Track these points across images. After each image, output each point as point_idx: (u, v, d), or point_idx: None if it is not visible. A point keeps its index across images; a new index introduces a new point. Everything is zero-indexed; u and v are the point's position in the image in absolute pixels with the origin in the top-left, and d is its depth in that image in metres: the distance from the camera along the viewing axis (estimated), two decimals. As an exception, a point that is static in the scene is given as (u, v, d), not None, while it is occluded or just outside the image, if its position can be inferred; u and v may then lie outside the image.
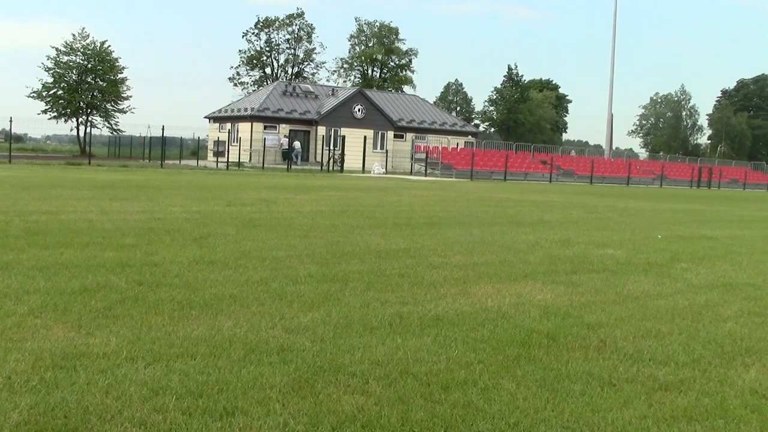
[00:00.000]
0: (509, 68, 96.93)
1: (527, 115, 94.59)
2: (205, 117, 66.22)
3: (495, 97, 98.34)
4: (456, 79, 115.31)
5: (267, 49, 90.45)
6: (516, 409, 4.50)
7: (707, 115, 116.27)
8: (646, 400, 4.81)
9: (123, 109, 70.14)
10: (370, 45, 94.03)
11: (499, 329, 6.40)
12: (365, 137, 53.01)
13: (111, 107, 69.70)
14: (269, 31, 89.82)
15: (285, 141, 57.23)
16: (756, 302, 8.43)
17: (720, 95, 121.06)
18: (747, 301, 8.48)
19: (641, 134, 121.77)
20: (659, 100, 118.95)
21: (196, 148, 62.33)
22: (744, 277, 10.22)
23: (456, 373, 5.11)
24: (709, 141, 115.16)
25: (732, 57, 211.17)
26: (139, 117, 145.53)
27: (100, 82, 68.53)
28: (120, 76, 69.44)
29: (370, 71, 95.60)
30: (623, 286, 8.93)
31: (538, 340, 6.11)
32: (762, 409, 4.79)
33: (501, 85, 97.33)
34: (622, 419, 4.46)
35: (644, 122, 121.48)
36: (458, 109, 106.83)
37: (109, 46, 68.84)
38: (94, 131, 69.02)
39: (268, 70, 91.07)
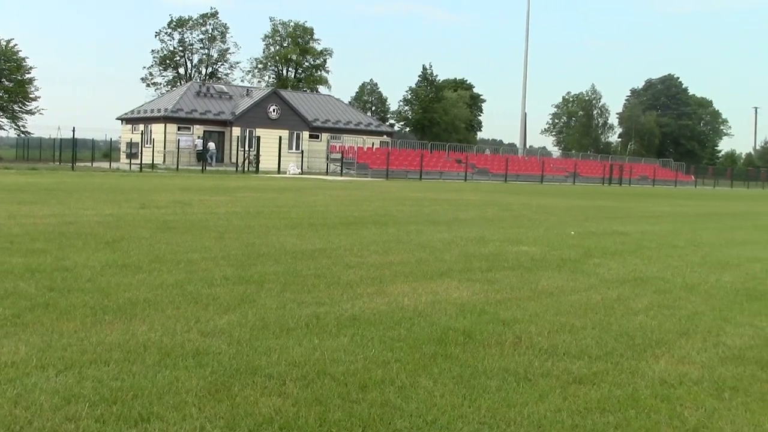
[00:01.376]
0: (424, 68, 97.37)
1: (442, 114, 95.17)
2: (117, 118, 65.11)
3: (410, 96, 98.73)
4: (371, 79, 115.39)
5: (180, 49, 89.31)
6: (433, 407, 4.53)
7: (617, 113, 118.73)
8: (561, 394, 4.89)
9: (31, 110, 68.29)
10: (284, 45, 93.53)
11: (416, 327, 6.43)
12: (280, 138, 52.67)
13: (18, 108, 67.80)
14: (182, 31, 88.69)
15: (199, 142, 56.61)
16: (665, 295, 8.64)
17: (629, 94, 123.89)
18: (657, 294, 8.69)
19: (554, 133, 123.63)
20: (571, 99, 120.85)
21: (109, 150, 61.01)
22: (654, 271, 10.47)
23: (373, 372, 5.12)
24: (620, 139, 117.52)
25: (640, 57, 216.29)
26: (48, 118, 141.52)
27: (6, 83, 66.62)
28: (27, 76, 67.60)
29: (285, 71, 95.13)
30: (537, 282, 9.06)
31: (454, 337, 6.15)
32: (671, 398, 4.92)
33: (416, 85, 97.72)
34: (537, 413, 4.52)
35: (557, 121, 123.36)
36: (373, 108, 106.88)
37: (16, 45, 67.12)
38: (1, 133, 67.22)
39: (181, 71, 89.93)
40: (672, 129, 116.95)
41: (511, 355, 5.74)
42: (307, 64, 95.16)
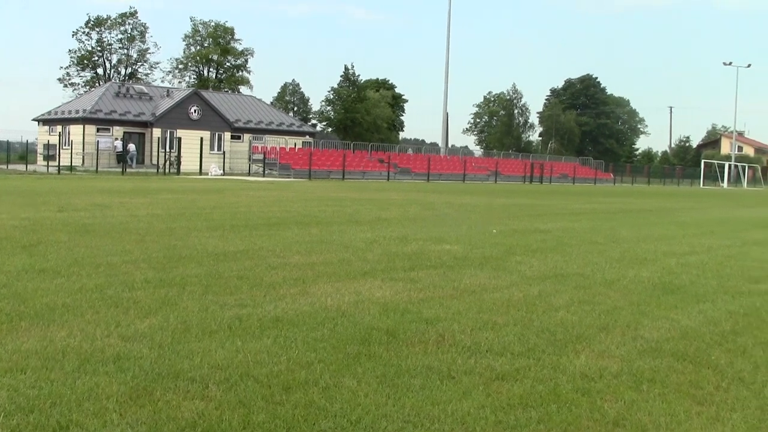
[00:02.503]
0: (346, 68, 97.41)
1: (364, 114, 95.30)
2: (33, 119, 63.69)
3: (332, 97, 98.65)
4: (293, 80, 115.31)
5: (98, 48, 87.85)
6: (358, 406, 4.53)
7: (538, 113, 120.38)
8: (484, 390, 4.93)
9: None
10: (205, 45, 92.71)
11: (339, 328, 6.43)
12: (202, 139, 52.19)
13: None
14: (101, 31, 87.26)
15: (119, 144, 55.73)
16: (585, 291, 8.78)
17: (549, 94, 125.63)
18: (577, 290, 8.83)
19: (476, 132, 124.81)
20: (492, 99, 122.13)
21: (25, 152, 59.67)
22: (574, 268, 10.64)
23: (297, 373, 5.10)
24: (541, 138, 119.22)
25: (560, 58, 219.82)
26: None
27: None
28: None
29: (205, 72, 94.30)
30: (460, 280, 9.13)
31: (377, 336, 6.16)
32: (591, 392, 5.00)
33: (338, 85, 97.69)
34: (461, 410, 4.56)
35: (479, 120, 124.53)
36: (295, 109, 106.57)
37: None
38: None
39: (100, 71, 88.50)
40: (591, 128, 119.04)
41: (434, 353, 5.77)
42: (228, 64, 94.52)
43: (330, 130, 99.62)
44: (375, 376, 5.13)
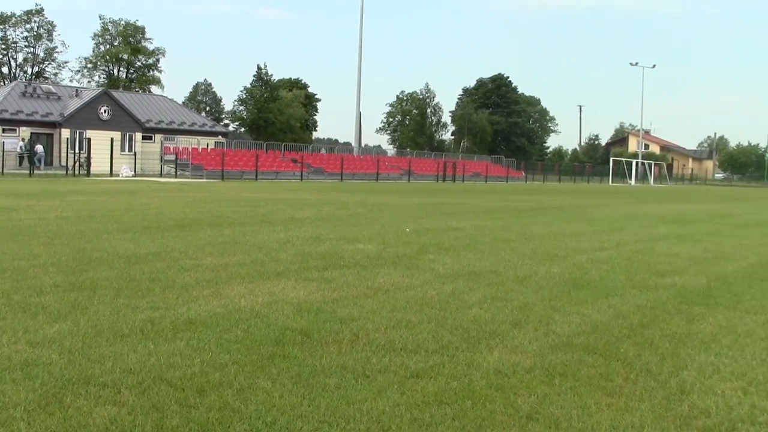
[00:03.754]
0: (259, 68, 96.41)
1: (277, 114, 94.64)
2: (-67, 120, 61.63)
3: (245, 96, 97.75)
4: (205, 79, 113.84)
5: (3, 47, 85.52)
6: (272, 408, 4.51)
7: (451, 112, 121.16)
8: (399, 388, 4.95)
9: None
10: (115, 44, 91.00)
11: (253, 329, 6.38)
12: (112, 139, 51.16)
13: None
14: (5, 28, 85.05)
15: (23, 145, 54.31)
16: (498, 288, 8.89)
17: (462, 93, 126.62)
18: (490, 287, 8.93)
19: (389, 131, 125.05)
20: (405, 98, 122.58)
21: (-77, 155, 57.77)
22: (487, 265, 10.76)
23: (211, 375, 5.05)
24: (453, 137, 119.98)
25: (472, 57, 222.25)
26: None
27: None
28: None
29: (116, 71, 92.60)
30: (374, 279, 9.15)
31: (292, 337, 6.14)
32: (505, 387, 5.06)
33: (251, 84, 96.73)
34: (376, 408, 4.57)
35: (392, 119, 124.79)
36: (208, 109, 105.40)
37: None
38: None
39: (5, 70, 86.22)
40: (503, 127, 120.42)
41: (349, 352, 5.77)
42: (139, 63, 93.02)
43: (243, 130, 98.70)
44: (290, 376, 5.11)
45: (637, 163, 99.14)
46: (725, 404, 4.94)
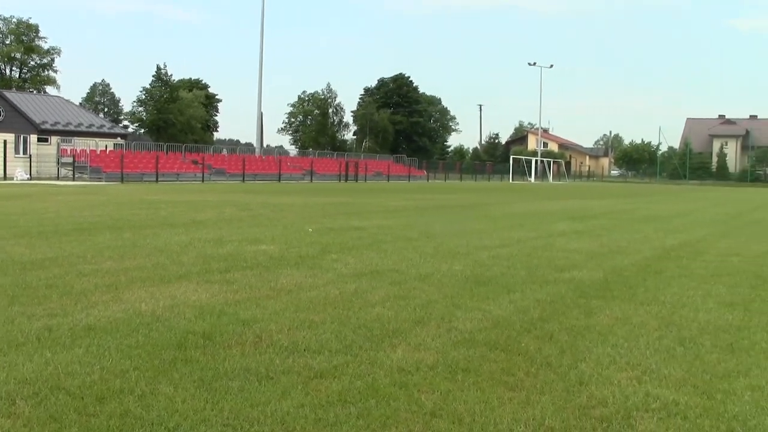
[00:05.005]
0: (158, 68, 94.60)
1: (177, 115, 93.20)
2: None
3: (144, 97, 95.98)
4: (103, 80, 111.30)
5: None
6: (175, 413, 4.45)
7: (352, 112, 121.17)
8: (303, 389, 4.94)
9: None
10: (7, 43, 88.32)
11: (154, 333, 6.29)
12: (5, 141, 49.76)
13: None
14: None
15: None
16: (400, 286, 8.94)
17: (363, 93, 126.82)
18: (392, 286, 8.98)
19: (291, 131, 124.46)
20: (307, 99, 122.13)
21: None
22: (389, 264, 10.81)
23: (111, 382, 4.95)
24: (355, 136, 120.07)
25: (373, 57, 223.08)
26: None
27: None
28: None
29: (8, 71, 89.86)
30: (277, 280, 9.11)
31: (194, 340, 6.07)
32: (408, 385, 5.10)
33: (150, 85, 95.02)
34: (281, 410, 4.55)
35: (293, 120, 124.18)
36: (106, 110, 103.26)
37: None
38: None
39: None
40: (404, 126, 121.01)
41: (252, 354, 5.74)
42: (32, 63, 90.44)
43: (142, 131, 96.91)
44: (192, 380, 5.05)
45: (536, 161, 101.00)
46: (621, 393, 5.07)
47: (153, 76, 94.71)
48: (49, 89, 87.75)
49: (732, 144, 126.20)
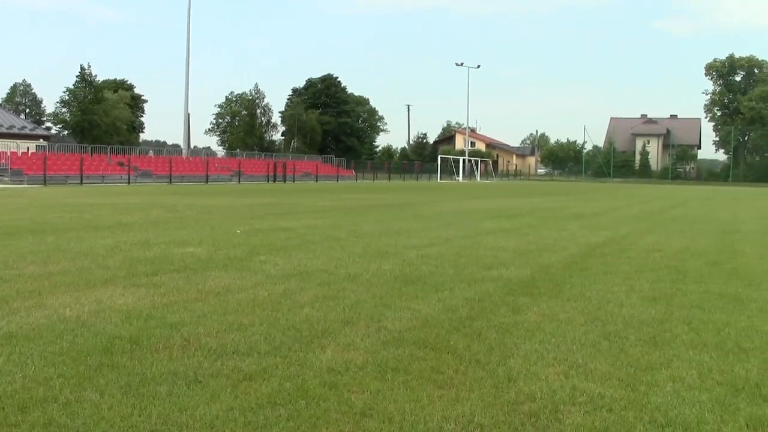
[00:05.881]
0: (82, 68, 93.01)
1: (103, 116, 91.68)
2: None
3: (67, 98, 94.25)
4: (24, 80, 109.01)
5: None
6: (101, 420, 4.38)
7: (280, 112, 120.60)
8: (232, 392, 4.91)
9: None
10: None
11: (79, 339, 6.17)
12: None
13: None
14: None
15: None
16: (329, 287, 8.93)
17: (291, 93, 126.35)
18: (321, 286, 8.96)
19: (218, 132, 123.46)
20: (234, 99, 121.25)
21: None
22: (318, 264, 10.79)
23: (34, 391, 4.84)
24: (283, 137, 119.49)
25: (301, 57, 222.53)
26: None
27: None
28: None
29: None
30: (205, 282, 9.03)
31: (120, 345, 5.98)
32: (338, 385, 5.10)
33: (74, 85, 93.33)
34: (209, 414, 4.51)
35: (221, 121, 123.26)
36: (27, 111, 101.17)
37: None
38: None
39: None
40: (333, 126, 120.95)
41: (180, 358, 5.67)
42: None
43: (66, 132, 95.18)
44: (119, 386, 4.98)
45: (464, 160, 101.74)
46: (549, 388, 5.14)
47: (77, 76, 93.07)
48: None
49: (654, 143, 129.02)
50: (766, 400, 5.06)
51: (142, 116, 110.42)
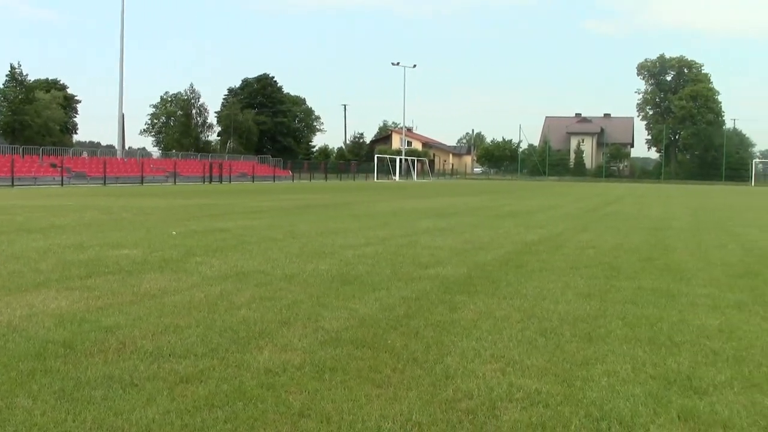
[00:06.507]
0: (12, 67, 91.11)
1: (34, 116, 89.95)
2: None
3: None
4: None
5: None
6: (34, 427, 4.31)
7: (216, 112, 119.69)
8: (169, 395, 4.87)
9: None
10: None
11: (11, 344, 6.05)
12: None
13: None
14: None
15: None
16: (266, 287, 8.90)
17: (227, 93, 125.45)
18: (258, 287, 8.92)
19: (154, 133, 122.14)
20: (170, 99, 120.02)
21: None
22: (254, 265, 10.74)
23: (-37, 397, 4.75)
24: (219, 137, 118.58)
25: (236, 57, 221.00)
26: None
27: None
28: None
29: None
30: (140, 285, 8.93)
31: (54, 350, 5.88)
32: (276, 386, 5.08)
33: (3, 85, 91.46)
34: (146, 417, 4.47)
35: (156, 121, 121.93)
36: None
37: None
38: None
39: None
40: (269, 126, 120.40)
41: (115, 361, 5.60)
42: None
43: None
44: (52, 391, 4.90)
45: (400, 159, 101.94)
46: (486, 385, 5.19)
47: (6, 75, 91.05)
48: None
49: (588, 141, 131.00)
50: (697, 392, 5.17)
51: (75, 117, 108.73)
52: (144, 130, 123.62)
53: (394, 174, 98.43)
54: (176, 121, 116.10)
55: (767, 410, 4.84)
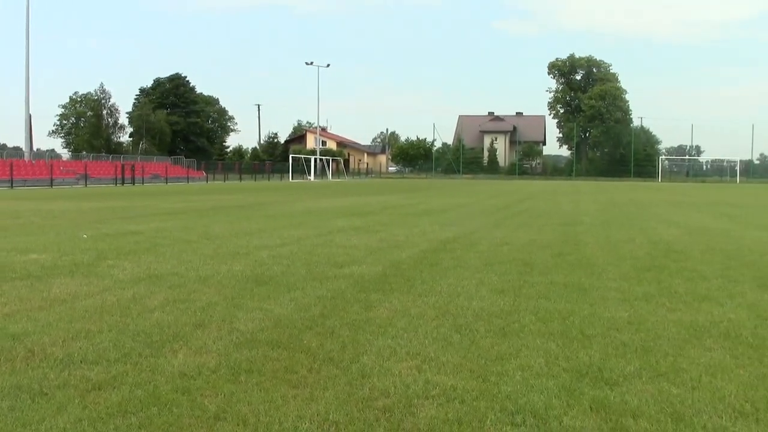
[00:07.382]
0: None
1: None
2: None
3: None
4: None
5: None
6: (-63, 438, 4.18)
7: (128, 113, 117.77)
8: (80, 403, 4.77)
9: None
10: None
11: None
12: None
13: None
14: None
15: None
16: (180, 290, 8.79)
17: (139, 93, 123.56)
18: (172, 290, 8.81)
19: (63, 134, 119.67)
20: (79, 100, 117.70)
21: None
22: (168, 268, 10.60)
23: None
24: (132, 138, 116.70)
25: (148, 57, 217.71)
26: None
27: None
28: None
29: None
30: (49, 290, 8.72)
31: (-42, 359, 5.71)
32: (191, 390, 5.03)
33: None
34: (56, 427, 4.38)
35: (65, 122, 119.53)
36: None
37: None
38: None
39: None
40: (182, 127, 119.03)
41: (23, 370, 5.46)
42: None
43: None
44: (-44, 402, 4.76)
45: (315, 159, 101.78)
46: (402, 383, 5.22)
47: None
48: None
49: (501, 139, 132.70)
50: (608, 383, 5.29)
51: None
52: (53, 131, 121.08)
53: (309, 174, 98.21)
54: (86, 122, 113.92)
55: (674, 398, 4.98)
